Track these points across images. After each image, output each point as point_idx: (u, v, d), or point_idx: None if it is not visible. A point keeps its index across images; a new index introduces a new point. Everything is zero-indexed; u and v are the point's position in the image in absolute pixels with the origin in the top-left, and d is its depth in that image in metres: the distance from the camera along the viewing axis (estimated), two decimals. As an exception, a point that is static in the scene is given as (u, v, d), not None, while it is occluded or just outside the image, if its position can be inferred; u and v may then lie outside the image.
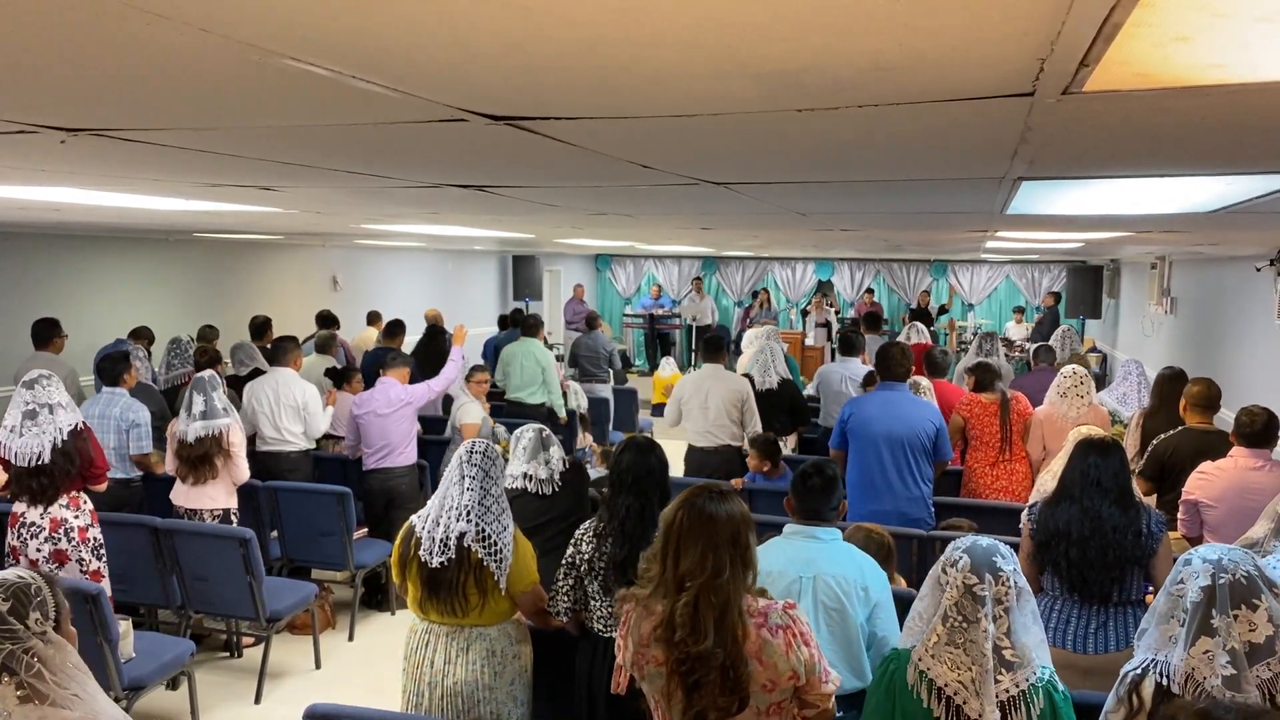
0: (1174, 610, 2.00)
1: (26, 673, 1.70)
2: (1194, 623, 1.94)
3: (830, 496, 2.96)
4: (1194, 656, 1.92)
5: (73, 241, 7.93)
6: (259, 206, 4.60)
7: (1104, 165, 2.57)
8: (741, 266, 17.79)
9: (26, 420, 4.20)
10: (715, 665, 2.15)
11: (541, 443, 4.10)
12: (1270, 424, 4.00)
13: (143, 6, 1.12)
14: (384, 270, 12.48)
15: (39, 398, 4.21)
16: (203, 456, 4.97)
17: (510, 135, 2.09)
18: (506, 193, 3.79)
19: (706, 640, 2.14)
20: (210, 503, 5.04)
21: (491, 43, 1.30)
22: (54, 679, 1.73)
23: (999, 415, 5.51)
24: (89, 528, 4.35)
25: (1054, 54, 1.27)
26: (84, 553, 4.29)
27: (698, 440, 6.15)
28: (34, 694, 1.70)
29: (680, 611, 2.17)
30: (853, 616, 2.78)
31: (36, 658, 1.72)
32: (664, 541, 2.26)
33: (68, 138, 2.22)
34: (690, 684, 2.18)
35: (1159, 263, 10.17)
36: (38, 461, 4.16)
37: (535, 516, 3.93)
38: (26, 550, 4.23)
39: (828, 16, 1.13)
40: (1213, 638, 1.91)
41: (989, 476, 5.50)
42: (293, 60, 1.39)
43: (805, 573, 2.83)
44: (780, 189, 3.53)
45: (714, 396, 6.08)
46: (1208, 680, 1.89)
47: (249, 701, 4.69)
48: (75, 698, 1.75)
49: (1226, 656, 1.88)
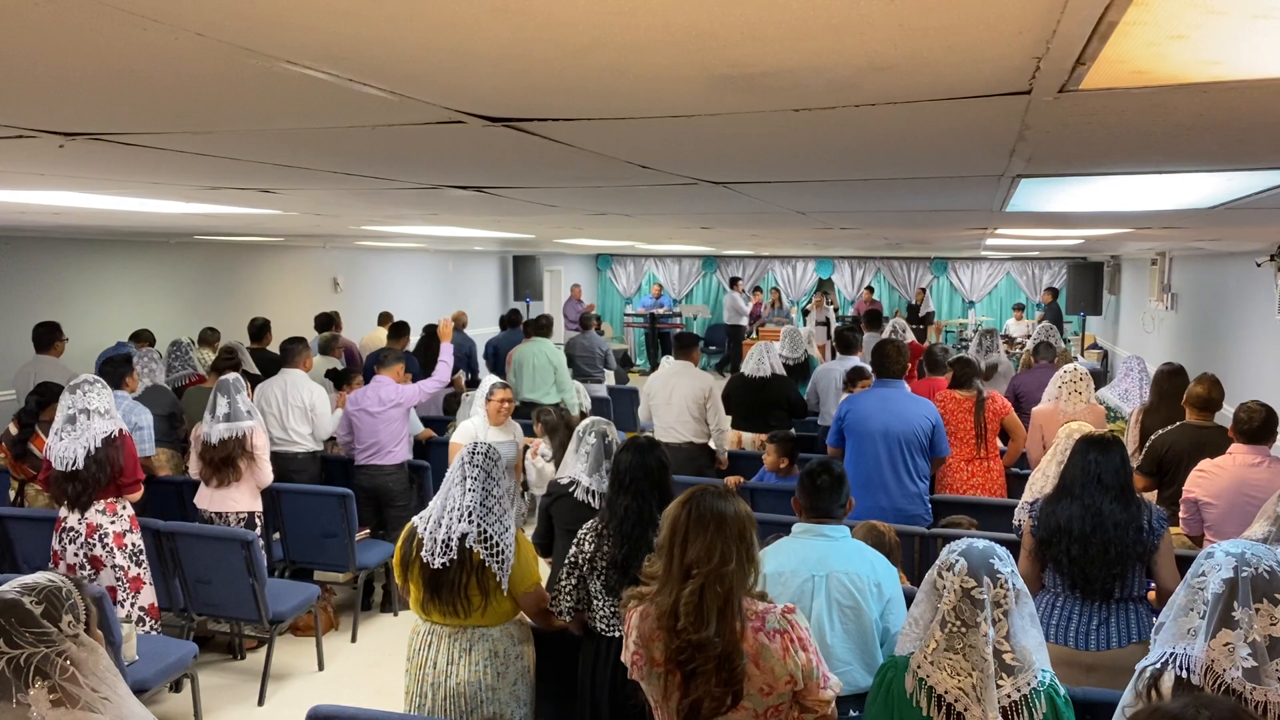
0: (1194, 603, 1.98)
1: (60, 676, 1.70)
2: (1215, 615, 1.92)
3: (838, 494, 2.95)
4: (1215, 648, 1.90)
5: (73, 245, 7.94)
6: (259, 209, 4.60)
7: (1102, 162, 2.57)
8: (742, 265, 17.79)
9: (67, 425, 4.26)
10: (713, 654, 2.16)
11: (605, 451, 3.82)
12: (1269, 420, 3.99)
13: (137, 11, 1.12)
14: (385, 271, 12.49)
15: (78, 403, 4.26)
16: (226, 459, 4.98)
17: (508, 137, 2.09)
18: (506, 193, 3.79)
19: (708, 628, 2.15)
20: (234, 505, 5.05)
21: (488, 45, 1.30)
22: (87, 682, 1.73)
23: (973, 412, 5.49)
24: (126, 533, 4.37)
25: (1050, 52, 1.27)
26: (120, 559, 4.31)
27: (663, 436, 6.14)
28: (66, 697, 1.70)
29: (685, 600, 2.18)
30: (867, 613, 2.78)
31: (70, 660, 1.72)
32: (670, 535, 2.26)
33: (66, 142, 2.22)
34: (688, 672, 2.19)
35: (1159, 259, 10.17)
36: (72, 466, 4.20)
37: (576, 521, 3.69)
38: (66, 555, 4.28)
39: (822, 16, 1.13)
40: (1234, 630, 1.89)
41: (964, 473, 5.47)
42: (290, 64, 1.39)
43: (818, 571, 2.82)
44: (779, 188, 3.53)
45: (678, 392, 6.09)
46: (1228, 672, 1.88)
47: (252, 703, 4.69)
48: (106, 701, 1.75)
49: (1248, 649, 1.87)
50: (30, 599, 1.71)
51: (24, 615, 1.69)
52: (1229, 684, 1.89)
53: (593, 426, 3.92)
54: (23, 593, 1.72)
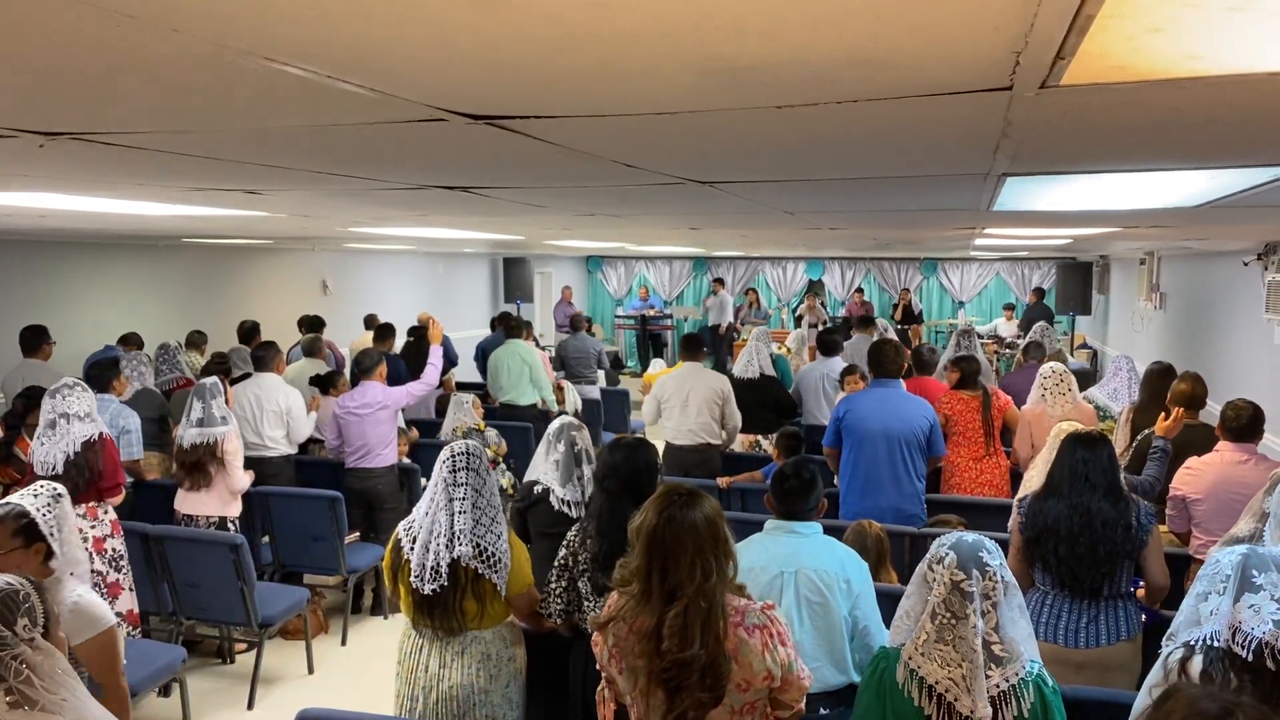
0: (1211, 587, 1.98)
1: (15, 679, 1.71)
2: (1235, 583, 1.93)
3: (808, 497, 2.96)
4: (1239, 611, 1.90)
5: (61, 248, 7.90)
6: (244, 210, 4.58)
7: (1087, 160, 2.57)
8: (732, 266, 17.79)
9: (48, 429, 4.24)
10: (697, 668, 2.13)
11: (574, 459, 3.76)
12: (1255, 418, 4.01)
13: (112, 7, 1.11)
14: (374, 273, 12.46)
15: (58, 407, 4.25)
16: (196, 463, 4.97)
17: (491, 135, 2.08)
18: (492, 194, 3.78)
19: (693, 647, 2.12)
20: (204, 509, 5.03)
21: (468, 41, 1.30)
22: (43, 685, 1.74)
23: (980, 411, 5.52)
24: (107, 538, 4.34)
25: (1029, 47, 1.28)
26: (99, 564, 4.27)
27: (676, 439, 6.15)
28: (23, 699, 1.71)
29: (670, 622, 2.14)
30: (835, 609, 2.78)
31: (25, 664, 1.72)
32: (646, 556, 2.20)
33: (46, 142, 2.21)
34: (673, 687, 2.17)
35: (1148, 258, 10.22)
36: (52, 471, 4.18)
37: (554, 524, 3.74)
38: None
39: (801, 10, 1.13)
40: (1257, 594, 1.90)
41: (973, 472, 5.49)
42: (268, 61, 1.39)
43: (787, 567, 2.83)
44: (765, 187, 3.53)
45: (695, 394, 6.08)
46: (1256, 629, 1.87)
47: (242, 708, 4.67)
48: (63, 702, 1.76)
49: (1275, 605, 1.87)
50: None
51: None
52: (1260, 638, 1.87)
53: (563, 432, 3.82)
54: None
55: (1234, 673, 1.94)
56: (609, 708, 2.40)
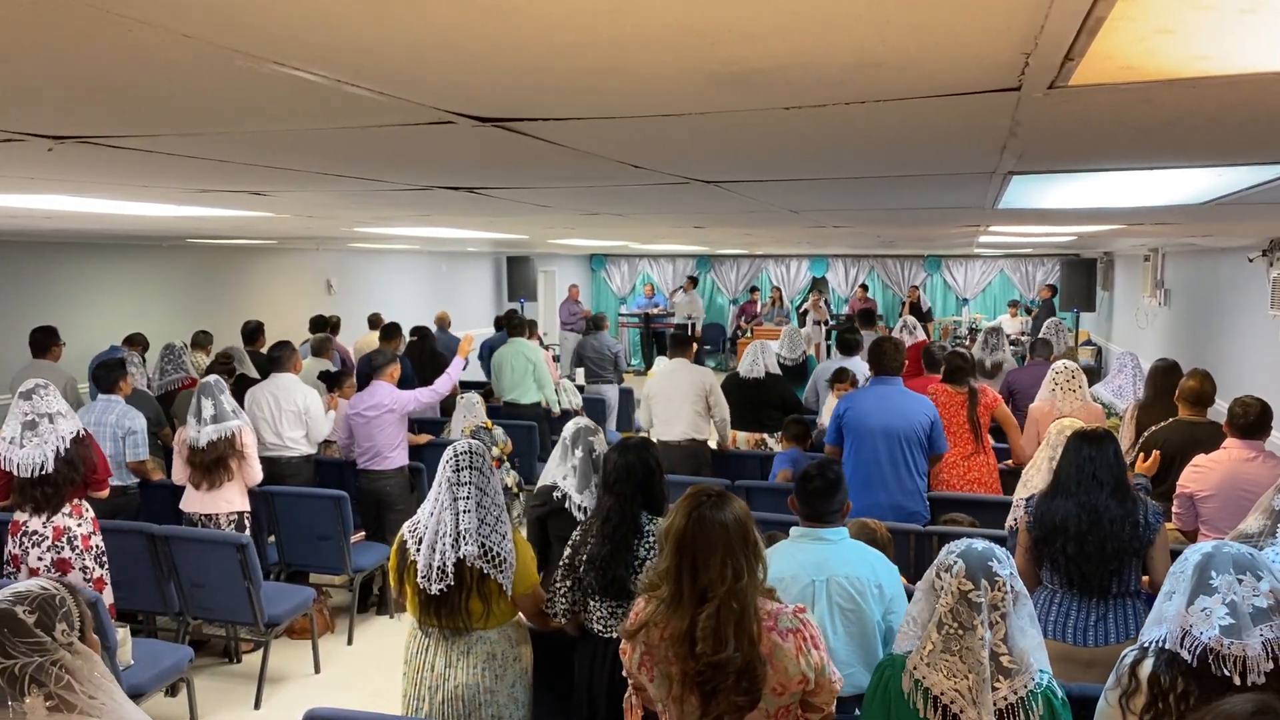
0: (1174, 586, 1.99)
1: (55, 684, 1.70)
2: (1191, 585, 1.93)
3: (832, 498, 2.93)
4: (1191, 614, 1.90)
5: (67, 249, 7.91)
6: (250, 211, 4.59)
7: (1094, 159, 2.57)
8: (736, 264, 17.79)
9: (26, 431, 4.21)
10: (733, 670, 2.12)
11: (593, 466, 3.65)
12: (1263, 415, 4.00)
13: (124, 13, 1.11)
14: (378, 273, 12.47)
15: (38, 408, 4.22)
16: (217, 460, 4.97)
17: (498, 137, 2.09)
18: (497, 194, 3.79)
19: (727, 648, 2.11)
20: (226, 506, 5.03)
21: (477, 45, 1.30)
22: (82, 689, 1.73)
23: (966, 408, 5.50)
24: (91, 535, 4.34)
25: (1038, 48, 1.27)
26: (87, 560, 4.28)
27: (663, 434, 6.15)
28: (63, 704, 1.70)
29: (703, 624, 2.13)
30: (869, 615, 2.77)
31: (65, 669, 1.72)
32: (676, 557, 2.19)
33: (55, 145, 2.21)
34: (707, 691, 2.15)
35: (1152, 255, 10.19)
36: (41, 471, 4.16)
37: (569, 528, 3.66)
38: (27, 559, 4.22)
39: (810, 13, 1.13)
40: (1210, 596, 1.89)
41: (961, 469, 5.47)
42: (278, 65, 1.39)
43: (818, 576, 2.80)
44: (771, 187, 3.52)
45: (679, 388, 6.11)
46: (1204, 634, 1.87)
47: (249, 707, 4.68)
48: (102, 706, 1.75)
49: (1225, 609, 1.86)
50: (23, 608, 1.71)
51: (16, 625, 1.68)
52: (1205, 644, 1.87)
53: (579, 437, 3.76)
54: (15, 601, 1.71)
55: (1180, 678, 1.93)
56: (636, 715, 2.39)
